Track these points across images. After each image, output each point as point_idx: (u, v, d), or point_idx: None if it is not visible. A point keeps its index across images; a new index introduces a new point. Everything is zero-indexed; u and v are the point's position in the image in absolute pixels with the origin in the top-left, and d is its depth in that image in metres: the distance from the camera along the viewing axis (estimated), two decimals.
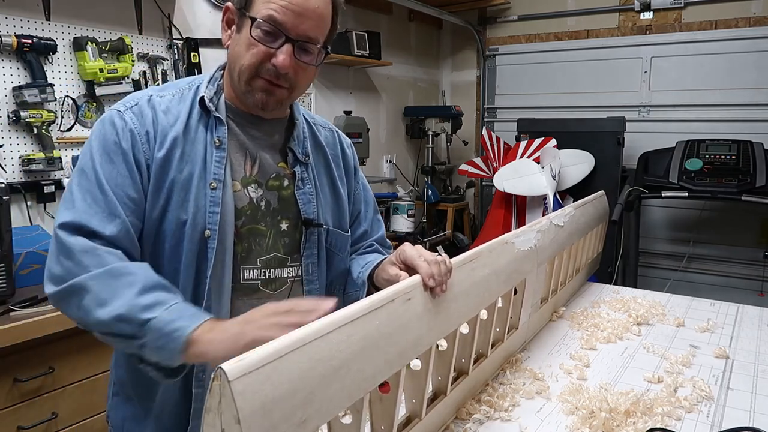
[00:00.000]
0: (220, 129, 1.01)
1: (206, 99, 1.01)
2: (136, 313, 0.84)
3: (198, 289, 0.98)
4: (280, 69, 0.95)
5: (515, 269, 1.27)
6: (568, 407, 1.12)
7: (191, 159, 0.98)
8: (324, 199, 1.13)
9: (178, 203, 0.97)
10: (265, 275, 1.05)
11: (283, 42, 0.95)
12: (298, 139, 1.10)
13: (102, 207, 0.92)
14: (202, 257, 0.97)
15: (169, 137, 0.97)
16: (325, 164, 1.16)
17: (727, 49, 3.64)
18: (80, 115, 2.26)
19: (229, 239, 0.99)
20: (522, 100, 4.37)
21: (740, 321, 1.66)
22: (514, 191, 3.47)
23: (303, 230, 1.09)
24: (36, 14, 2.10)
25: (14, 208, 2.02)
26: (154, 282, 0.88)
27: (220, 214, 0.98)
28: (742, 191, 2.99)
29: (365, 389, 0.77)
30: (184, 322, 0.83)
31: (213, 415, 0.58)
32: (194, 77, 1.08)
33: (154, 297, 0.86)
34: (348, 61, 3.48)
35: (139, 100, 1.00)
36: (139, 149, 0.96)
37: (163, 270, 0.97)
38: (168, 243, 0.97)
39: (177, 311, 0.85)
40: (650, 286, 3.32)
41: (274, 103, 1.00)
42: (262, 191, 1.05)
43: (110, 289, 0.86)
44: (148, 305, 0.84)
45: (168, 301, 0.86)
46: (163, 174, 0.97)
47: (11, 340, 1.56)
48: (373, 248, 1.25)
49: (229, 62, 1.03)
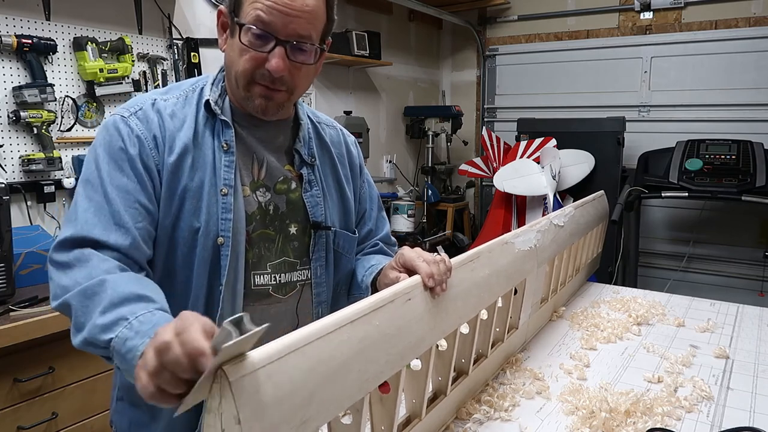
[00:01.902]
0: (228, 132, 0.99)
1: (212, 102, 0.99)
2: (97, 335, 0.77)
3: (211, 297, 0.97)
4: (274, 73, 0.93)
5: (515, 269, 1.27)
6: (568, 407, 1.12)
7: (201, 165, 0.97)
8: (331, 200, 1.12)
9: (190, 211, 0.95)
10: (275, 280, 1.05)
11: (274, 45, 0.92)
12: (303, 140, 1.09)
13: (107, 217, 0.89)
14: (215, 264, 0.96)
15: (179, 143, 0.96)
16: (331, 164, 1.14)
17: (727, 49, 3.64)
18: (80, 115, 2.26)
19: (241, 246, 0.99)
20: (522, 100, 4.37)
21: (740, 321, 1.66)
22: (514, 191, 3.47)
23: (312, 233, 1.08)
24: (36, 14, 2.10)
25: (14, 208, 2.02)
26: (123, 296, 0.79)
27: (233, 220, 0.97)
28: (742, 191, 2.99)
29: (365, 389, 0.76)
30: (138, 340, 0.73)
31: (213, 415, 0.58)
32: (197, 79, 1.07)
33: (116, 314, 0.77)
34: (348, 61, 3.48)
35: (143, 104, 0.98)
36: (147, 155, 0.94)
37: (176, 278, 0.96)
38: (180, 251, 0.96)
39: (137, 326, 0.75)
40: (650, 286, 3.32)
41: (274, 107, 0.98)
42: (270, 195, 1.04)
43: (83, 310, 0.80)
44: (107, 325, 0.77)
45: (130, 315, 0.76)
46: (174, 180, 0.95)
47: (11, 340, 1.57)
48: (378, 248, 1.24)
49: (225, 67, 1.01)
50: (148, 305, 0.79)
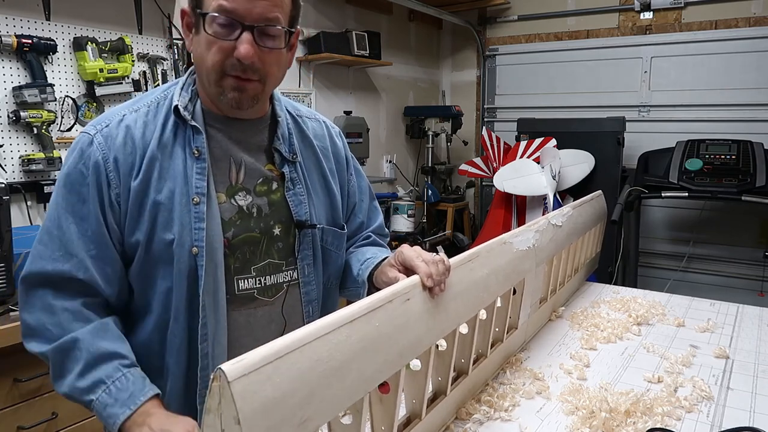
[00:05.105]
0: (198, 139, 0.97)
1: (180, 108, 0.97)
2: (78, 395, 0.90)
3: (192, 307, 0.96)
4: (243, 60, 0.90)
5: (514, 269, 1.27)
6: (568, 407, 1.12)
7: (170, 175, 0.95)
8: (316, 197, 1.10)
9: (162, 224, 0.94)
10: (260, 283, 1.03)
11: (240, 32, 0.90)
12: (283, 137, 1.06)
13: (56, 246, 0.93)
14: (192, 275, 0.95)
15: (146, 158, 0.95)
16: (315, 159, 1.12)
17: (727, 49, 3.64)
18: (80, 115, 2.26)
19: (218, 253, 0.97)
20: (522, 100, 4.37)
21: (740, 321, 1.66)
22: (514, 191, 3.47)
23: (296, 233, 1.06)
24: (36, 14, 2.10)
25: (14, 208, 2.02)
26: (96, 355, 0.90)
27: (206, 229, 0.95)
28: (742, 191, 2.99)
29: (365, 389, 0.76)
30: (116, 410, 0.87)
31: (213, 415, 0.58)
32: (168, 84, 1.04)
33: (94, 377, 0.89)
34: (348, 61, 3.48)
35: (110, 120, 0.97)
36: (104, 181, 0.93)
37: (156, 290, 0.96)
38: (158, 264, 0.95)
39: (115, 392, 0.88)
40: (650, 286, 3.32)
41: (248, 100, 0.96)
42: (251, 198, 1.02)
43: (61, 366, 0.91)
44: (87, 387, 0.89)
45: (107, 379, 0.89)
46: (142, 198, 0.94)
47: (11, 340, 1.57)
48: (371, 240, 1.23)
49: (195, 66, 0.99)
50: (121, 363, 0.91)
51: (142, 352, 0.98)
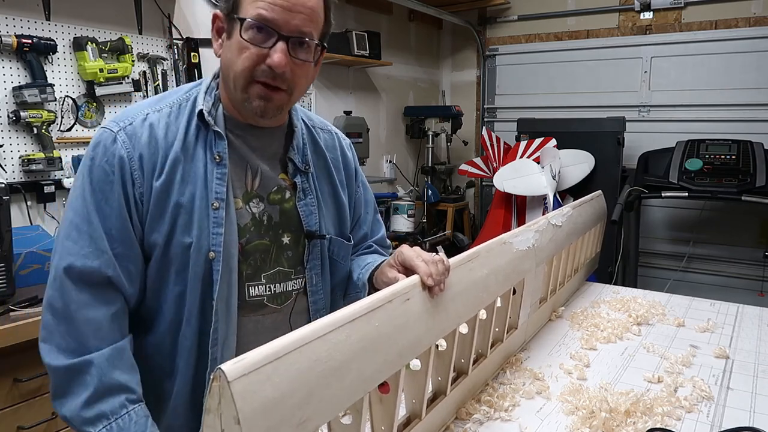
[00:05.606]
0: (220, 144, 0.97)
1: (205, 112, 0.97)
2: (78, 423, 0.88)
3: (204, 311, 0.96)
4: (276, 68, 0.91)
5: (514, 269, 1.27)
6: (568, 407, 1.12)
7: (192, 179, 0.95)
8: (326, 207, 1.11)
9: (182, 226, 0.94)
10: (270, 290, 1.04)
11: (276, 40, 0.91)
12: (297, 147, 1.07)
13: (86, 243, 0.91)
14: (207, 279, 0.95)
15: (169, 159, 0.94)
16: (326, 170, 1.13)
17: (727, 49, 3.64)
18: (80, 115, 2.26)
19: (234, 259, 0.97)
20: (522, 100, 4.37)
21: (740, 321, 1.66)
22: (514, 191, 3.47)
23: (306, 243, 1.07)
24: (36, 14, 2.10)
25: (14, 208, 2.02)
26: (106, 386, 0.88)
27: (224, 234, 0.95)
28: (742, 191, 2.99)
29: (365, 389, 0.76)
30: None
31: (213, 416, 0.58)
32: (191, 85, 1.04)
33: (98, 409, 0.88)
34: (348, 61, 3.48)
35: (134, 118, 0.96)
36: (128, 179, 0.93)
37: (169, 292, 0.96)
38: (174, 267, 0.95)
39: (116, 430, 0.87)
40: (650, 286, 3.32)
41: (273, 109, 0.96)
42: (264, 205, 1.03)
43: (67, 386, 0.89)
44: (89, 419, 0.87)
45: (112, 414, 0.88)
46: (165, 199, 0.94)
47: (11, 340, 1.56)
48: (372, 249, 1.24)
49: (222, 71, 0.99)
50: (128, 399, 0.90)
51: (153, 352, 0.99)
